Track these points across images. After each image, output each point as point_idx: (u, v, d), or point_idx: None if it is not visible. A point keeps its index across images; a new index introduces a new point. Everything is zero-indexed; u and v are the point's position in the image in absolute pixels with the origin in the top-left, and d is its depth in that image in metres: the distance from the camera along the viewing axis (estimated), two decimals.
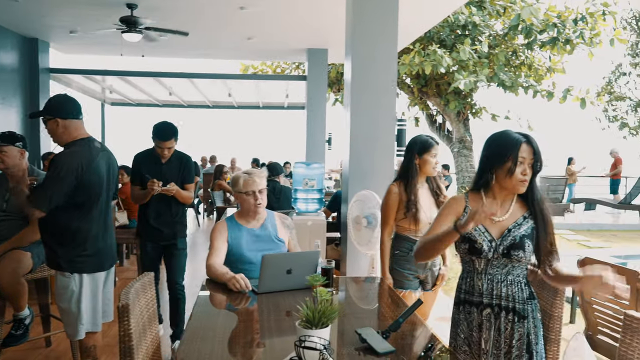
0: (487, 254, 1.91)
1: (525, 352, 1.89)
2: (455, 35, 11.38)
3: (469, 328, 1.99)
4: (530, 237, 1.91)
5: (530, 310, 1.93)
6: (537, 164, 1.88)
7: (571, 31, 10.80)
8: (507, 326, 1.91)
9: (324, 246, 4.45)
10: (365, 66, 4.13)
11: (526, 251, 1.89)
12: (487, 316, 1.94)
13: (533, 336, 1.91)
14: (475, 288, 1.96)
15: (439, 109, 13.27)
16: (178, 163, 3.68)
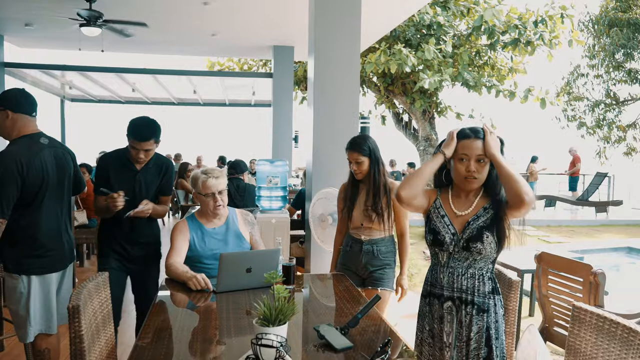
0: (448, 246, 1.94)
1: (484, 346, 1.90)
2: (420, 35, 11.53)
3: (433, 320, 2.02)
4: (490, 229, 1.89)
5: (492, 304, 1.93)
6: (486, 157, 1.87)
7: (532, 33, 11.10)
8: (466, 319, 1.93)
9: (288, 244, 4.44)
10: (328, 64, 4.13)
11: (485, 243, 1.88)
12: (448, 309, 1.96)
13: (493, 331, 1.92)
14: (438, 280, 2.00)
15: (405, 108, 13.43)
16: (156, 170, 2.92)
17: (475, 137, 1.89)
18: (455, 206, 1.98)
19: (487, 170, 1.91)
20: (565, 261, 3.67)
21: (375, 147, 2.96)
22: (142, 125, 2.77)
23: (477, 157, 1.87)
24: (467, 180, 1.90)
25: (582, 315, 1.83)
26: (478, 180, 1.90)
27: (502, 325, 1.96)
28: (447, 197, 2.02)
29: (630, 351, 1.62)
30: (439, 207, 2.01)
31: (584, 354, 1.80)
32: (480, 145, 1.87)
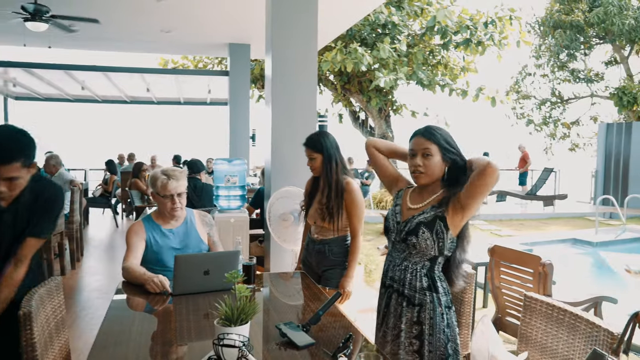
0: (391, 234, 2.02)
1: (414, 339, 1.93)
2: (375, 34, 11.68)
3: (380, 308, 2.10)
4: (428, 226, 1.90)
5: (427, 301, 1.93)
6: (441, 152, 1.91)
7: (482, 33, 11.46)
8: (397, 309, 1.98)
9: (247, 243, 4.41)
10: (285, 62, 4.13)
11: (419, 238, 1.90)
12: (388, 297, 2.03)
13: (427, 327, 1.92)
14: (385, 269, 2.09)
15: (362, 106, 13.57)
16: (31, 203, 2.00)
17: (422, 134, 1.95)
18: (411, 200, 2.03)
19: (436, 167, 1.92)
20: (516, 253, 3.82)
21: (330, 145, 2.90)
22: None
23: (423, 151, 1.93)
24: (415, 175, 1.96)
25: (533, 304, 1.91)
26: (425, 175, 1.93)
27: (442, 324, 1.92)
28: (409, 191, 2.10)
29: (577, 336, 1.72)
30: (400, 196, 2.10)
31: (534, 341, 1.88)
32: (426, 141, 1.93)
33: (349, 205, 2.87)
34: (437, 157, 1.92)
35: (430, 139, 1.92)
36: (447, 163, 1.94)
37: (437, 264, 1.95)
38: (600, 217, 10.93)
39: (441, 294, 1.95)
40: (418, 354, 1.92)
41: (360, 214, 2.85)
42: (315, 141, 2.92)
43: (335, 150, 2.92)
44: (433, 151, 1.91)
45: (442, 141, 1.93)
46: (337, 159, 2.90)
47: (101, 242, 8.18)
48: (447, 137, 1.95)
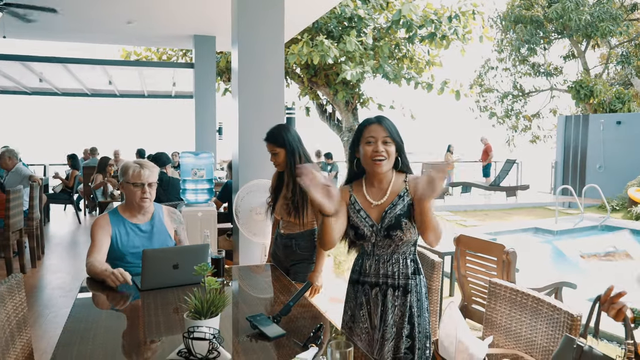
0: (370, 238, 1.99)
1: (407, 324, 1.98)
2: (342, 27, 11.70)
3: (355, 306, 2.07)
4: (407, 215, 1.95)
5: (414, 285, 2.00)
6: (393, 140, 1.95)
7: (447, 28, 11.63)
8: (394, 302, 1.99)
9: (215, 237, 4.37)
10: (252, 55, 4.09)
11: (404, 229, 1.94)
12: (375, 294, 2.01)
13: (415, 309, 1.98)
14: (365, 268, 2.05)
15: (329, 99, 13.59)
16: None
17: (378, 122, 1.98)
18: (370, 196, 2.02)
19: (394, 153, 1.97)
20: (480, 242, 3.92)
21: (292, 138, 2.82)
22: None
23: (383, 139, 1.95)
24: (375, 163, 1.94)
25: (497, 289, 1.97)
26: (387, 161, 1.96)
27: (425, 303, 2.03)
28: (361, 189, 2.06)
29: (539, 319, 1.78)
30: (354, 202, 2.05)
31: (499, 325, 1.94)
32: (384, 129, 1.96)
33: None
34: (393, 144, 1.97)
35: (387, 127, 1.97)
36: (399, 147, 2.00)
37: (416, 245, 2.05)
38: (559, 207, 11.31)
39: (422, 275, 2.05)
40: (410, 338, 1.96)
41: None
42: (277, 135, 2.83)
43: (298, 144, 2.84)
44: (390, 138, 1.95)
45: (393, 129, 1.99)
46: (300, 153, 2.82)
47: (63, 239, 7.95)
48: (395, 126, 2.02)
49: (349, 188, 2.10)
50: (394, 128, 2.00)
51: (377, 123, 1.98)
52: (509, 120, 20.41)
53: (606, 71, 18.98)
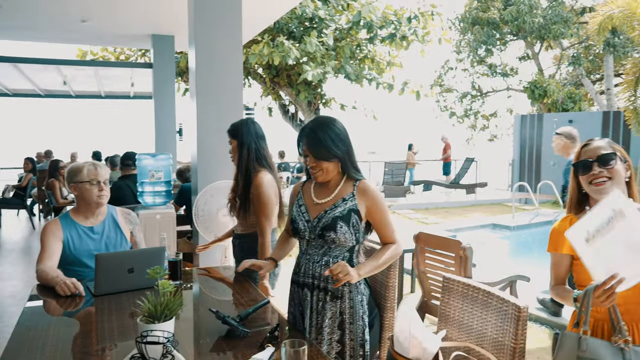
0: (304, 233, 2.00)
1: (337, 329, 1.97)
2: (303, 28, 11.72)
3: (294, 306, 2.08)
4: (345, 219, 1.93)
5: (346, 291, 1.97)
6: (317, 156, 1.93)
7: (406, 28, 11.82)
8: (319, 305, 1.98)
9: (174, 240, 4.30)
10: (210, 55, 4.05)
11: (338, 232, 1.91)
12: (304, 295, 2.02)
13: (347, 316, 1.96)
14: (299, 267, 2.06)
15: (291, 99, 13.59)
16: None
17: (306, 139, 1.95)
18: (316, 194, 2.03)
19: (330, 164, 1.95)
20: (439, 239, 4.02)
21: (248, 131, 2.74)
22: None
23: (313, 157, 1.94)
24: (313, 174, 1.98)
25: (450, 284, 2.02)
26: (323, 174, 1.96)
27: (361, 311, 1.99)
28: (310, 187, 2.09)
29: (489, 311, 1.84)
30: (299, 198, 2.08)
31: (452, 319, 1.99)
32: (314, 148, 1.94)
33: (253, 200, 2.67)
34: (328, 159, 1.94)
35: (315, 148, 1.93)
36: (339, 159, 1.97)
37: (354, 253, 2.00)
38: (516, 203, 11.67)
39: (360, 282, 2.01)
40: (340, 343, 1.96)
41: (265, 210, 2.64)
42: (234, 127, 2.79)
43: (254, 138, 2.74)
44: (324, 156, 1.93)
45: (329, 142, 1.92)
46: (251, 147, 2.72)
47: (16, 245, 7.65)
48: (335, 135, 1.94)
49: (301, 184, 2.15)
50: (327, 142, 1.92)
51: (307, 141, 1.95)
52: (468, 119, 20.93)
53: (559, 72, 19.73)
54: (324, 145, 1.92)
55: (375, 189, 2.00)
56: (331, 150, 1.92)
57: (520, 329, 1.70)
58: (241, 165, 2.73)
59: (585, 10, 17.19)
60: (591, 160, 1.72)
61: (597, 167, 1.70)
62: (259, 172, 2.69)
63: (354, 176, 2.01)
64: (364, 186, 1.98)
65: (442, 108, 21.25)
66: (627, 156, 1.78)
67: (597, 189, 1.70)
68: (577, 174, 1.77)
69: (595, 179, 1.70)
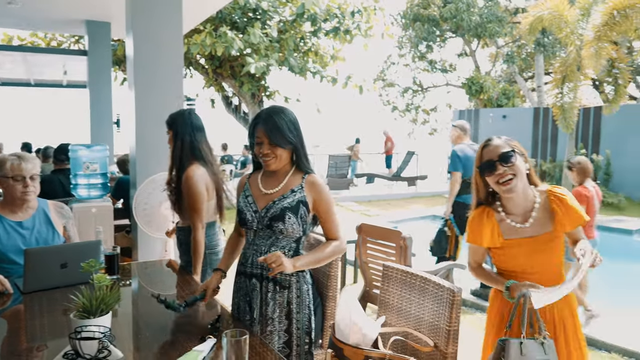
0: (251, 224, 1.98)
1: (284, 319, 1.97)
2: (247, 19, 11.56)
3: (239, 297, 2.06)
4: (293, 210, 1.92)
5: (294, 281, 1.97)
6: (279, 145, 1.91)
7: (350, 22, 11.93)
8: (273, 296, 1.97)
9: (111, 233, 4.15)
10: (148, 43, 3.92)
11: (286, 223, 1.90)
12: (252, 285, 2.00)
13: (294, 305, 1.96)
14: (246, 258, 2.04)
15: (234, 91, 13.41)
16: None
17: (264, 125, 1.92)
18: (264, 185, 2.02)
19: (284, 152, 1.94)
20: (380, 230, 4.11)
21: (184, 122, 2.67)
22: None
23: (269, 141, 1.92)
24: (265, 162, 1.95)
25: (390, 272, 2.09)
26: (275, 161, 1.94)
27: (307, 300, 2.00)
28: (257, 177, 2.06)
29: (426, 297, 1.91)
30: (246, 189, 2.06)
31: (392, 306, 2.06)
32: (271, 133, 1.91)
33: (184, 194, 2.61)
34: (283, 145, 1.93)
35: (272, 133, 1.91)
36: (291, 147, 1.97)
37: (301, 244, 2.00)
38: None
39: (306, 272, 2.03)
40: (287, 333, 1.97)
41: (194, 204, 2.58)
42: (170, 117, 2.72)
43: (189, 130, 2.66)
44: (277, 141, 1.91)
45: (286, 128, 1.93)
46: (185, 139, 2.64)
47: None
48: (289, 121, 1.95)
49: (247, 175, 2.12)
50: (284, 128, 1.92)
51: (263, 125, 1.93)
52: (410, 113, 21.47)
53: (494, 69, 20.60)
54: (281, 130, 1.91)
55: (323, 184, 2.00)
56: (288, 136, 1.92)
57: (455, 312, 1.78)
58: (175, 157, 2.66)
59: (518, 10, 18.03)
60: (494, 160, 1.85)
61: (501, 167, 1.84)
62: (191, 164, 2.63)
63: (304, 168, 2.01)
64: (312, 179, 1.99)
65: (385, 102, 21.68)
66: (523, 149, 1.94)
67: (505, 189, 1.86)
68: (483, 174, 1.91)
69: (501, 178, 1.85)
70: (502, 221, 1.94)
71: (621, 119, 11.65)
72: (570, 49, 11.85)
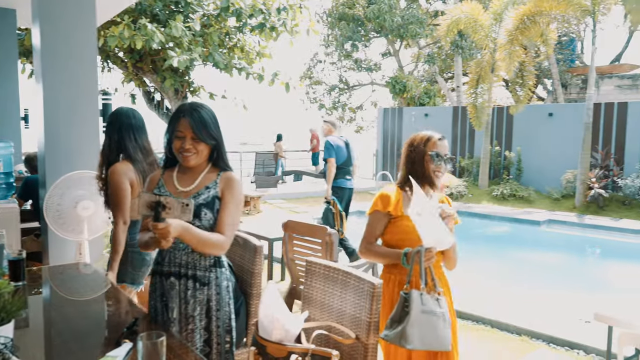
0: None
1: (204, 317, 1.94)
2: (169, 11, 11.17)
3: (156, 298, 2.00)
4: (209, 207, 1.90)
5: (213, 277, 1.95)
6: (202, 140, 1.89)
7: (276, 19, 11.86)
8: (193, 293, 1.94)
9: (18, 237, 3.85)
10: (57, 33, 3.67)
11: (202, 220, 1.88)
12: (170, 284, 1.95)
13: (214, 303, 1.94)
14: (163, 257, 1.98)
15: (156, 86, 12.92)
16: None
17: (188, 118, 1.89)
18: (180, 183, 1.97)
19: (205, 148, 1.92)
20: (306, 226, 4.14)
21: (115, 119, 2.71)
22: None
23: (192, 136, 1.89)
24: (184, 157, 1.91)
25: (313, 267, 2.10)
26: (195, 157, 1.91)
27: (227, 297, 1.97)
28: (172, 175, 2.01)
29: (348, 290, 1.95)
30: (160, 186, 2.00)
31: (315, 300, 2.08)
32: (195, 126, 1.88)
33: (111, 188, 2.62)
34: (207, 141, 1.91)
35: (195, 126, 1.88)
36: (214, 144, 1.95)
37: None
38: None
39: (225, 268, 2.00)
40: (207, 331, 1.93)
41: (115, 200, 2.60)
42: (109, 115, 2.79)
43: (118, 126, 2.68)
44: (202, 136, 1.89)
45: (210, 123, 1.92)
46: (113, 137, 2.67)
47: None
48: (212, 117, 1.95)
49: (160, 173, 2.05)
50: (209, 123, 1.91)
51: (186, 119, 1.89)
52: (336, 111, 21.77)
53: (417, 69, 21.37)
54: (206, 125, 1.90)
55: (239, 183, 1.97)
56: (211, 131, 1.92)
57: (375, 304, 1.83)
58: (103, 154, 2.70)
59: (438, 13, 18.81)
60: (445, 157, 2.20)
61: (444, 164, 2.20)
62: (117, 161, 2.66)
63: (222, 166, 1.98)
64: (229, 175, 1.97)
65: (312, 100, 21.83)
66: None
67: (437, 181, 2.21)
68: (430, 160, 2.18)
69: (439, 171, 2.20)
70: (406, 199, 2.17)
71: (530, 118, 12.53)
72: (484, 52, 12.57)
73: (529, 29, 11.09)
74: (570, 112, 12.02)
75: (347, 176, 6.17)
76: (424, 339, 1.85)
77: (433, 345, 1.87)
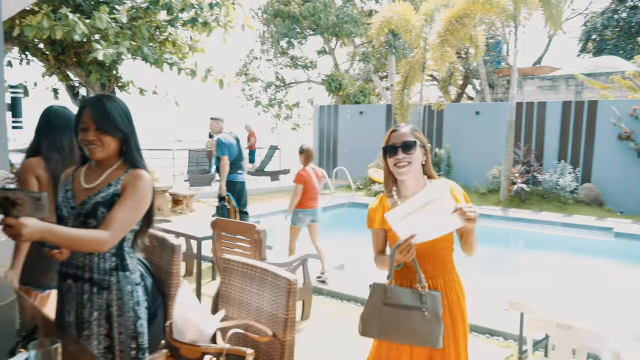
0: (67, 221, 1.83)
1: (104, 323, 1.85)
2: (93, 2, 10.63)
3: (58, 300, 1.91)
4: (107, 205, 1.80)
5: (114, 282, 1.85)
6: (102, 126, 1.80)
7: (209, 14, 11.60)
8: (90, 298, 1.84)
9: None
10: None
11: (99, 219, 1.78)
12: (67, 286, 1.86)
13: (115, 308, 1.85)
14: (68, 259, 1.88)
15: (81, 80, 12.27)
16: None
17: (91, 109, 1.81)
18: (85, 179, 1.88)
19: (113, 141, 1.83)
20: (234, 224, 4.08)
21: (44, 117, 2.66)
22: None
23: (95, 127, 1.80)
24: (89, 149, 1.82)
25: (230, 265, 2.06)
26: (100, 149, 1.82)
27: (131, 302, 1.87)
28: (81, 171, 1.92)
29: (265, 287, 1.92)
30: (67, 183, 1.90)
31: (233, 299, 2.04)
32: (99, 118, 1.79)
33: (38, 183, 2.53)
34: (112, 133, 1.82)
35: (104, 115, 1.80)
36: (121, 136, 1.86)
37: (126, 241, 1.87)
38: None
39: (130, 271, 1.90)
40: (108, 337, 1.84)
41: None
42: None
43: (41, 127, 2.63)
44: (106, 127, 1.80)
45: (116, 114, 1.83)
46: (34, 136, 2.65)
47: None
48: (120, 108, 1.86)
49: (74, 168, 1.96)
50: (114, 115, 1.81)
51: (91, 110, 1.79)
52: (273, 108, 21.66)
53: (352, 67, 21.65)
54: (111, 116, 1.81)
55: (145, 181, 1.83)
56: (117, 122, 1.82)
57: (291, 300, 1.82)
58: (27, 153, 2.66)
59: (372, 12, 19.14)
60: (397, 146, 2.00)
61: (402, 153, 1.99)
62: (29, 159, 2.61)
63: (132, 161, 1.87)
64: (137, 173, 1.85)
65: (248, 97, 21.59)
66: (426, 142, 2.11)
67: (399, 172, 2.02)
68: (385, 156, 2.04)
69: (398, 162, 2.00)
70: (393, 205, 2.03)
71: (459, 117, 13.04)
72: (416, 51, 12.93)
73: (457, 31, 11.53)
74: (495, 110, 12.63)
75: (238, 171, 6.50)
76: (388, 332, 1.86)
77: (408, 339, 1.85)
